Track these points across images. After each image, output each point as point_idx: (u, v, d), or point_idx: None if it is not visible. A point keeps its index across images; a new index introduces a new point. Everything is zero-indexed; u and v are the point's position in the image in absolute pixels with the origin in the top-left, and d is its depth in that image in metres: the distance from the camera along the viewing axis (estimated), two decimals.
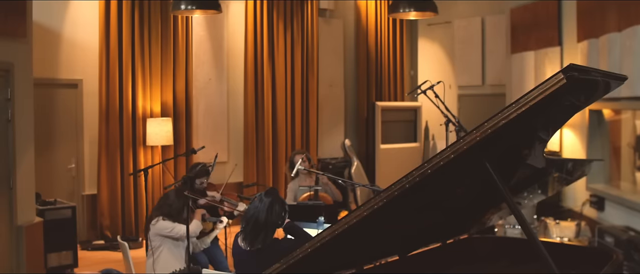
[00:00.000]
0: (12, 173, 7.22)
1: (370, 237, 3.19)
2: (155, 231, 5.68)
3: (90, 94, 9.48)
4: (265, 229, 4.55)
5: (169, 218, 5.67)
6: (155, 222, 5.69)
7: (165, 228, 5.64)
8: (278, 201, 4.65)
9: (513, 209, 2.53)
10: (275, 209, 4.59)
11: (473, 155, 2.38)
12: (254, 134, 10.83)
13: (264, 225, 4.55)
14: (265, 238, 4.52)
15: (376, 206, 2.54)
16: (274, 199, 4.64)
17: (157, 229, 5.67)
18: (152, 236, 5.72)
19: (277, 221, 4.59)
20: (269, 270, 2.89)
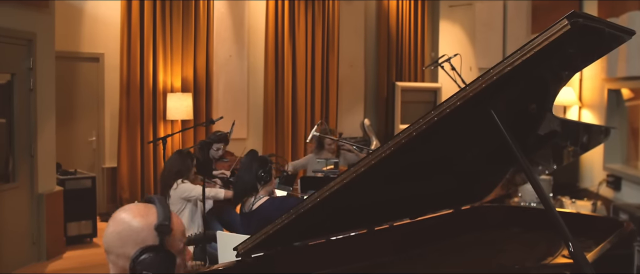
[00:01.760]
0: (33, 141, 7.34)
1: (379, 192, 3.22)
2: (178, 195, 5.78)
3: (112, 68, 9.57)
4: (246, 187, 4.68)
5: (179, 176, 5.77)
6: (176, 186, 5.79)
7: (186, 190, 5.74)
8: (256, 159, 4.76)
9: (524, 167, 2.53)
10: (253, 167, 4.70)
11: (479, 102, 2.41)
12: (273, 112, 10.89)
13: (242, 184, 4.69)
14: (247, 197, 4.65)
15: (384, 154, 2.57)
16: (252, 157, 4.76)
17: (179, 192, 5.77)
18: (174, 201, 5.81)
19: (255, 180, 4.69)
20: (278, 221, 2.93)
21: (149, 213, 1.97)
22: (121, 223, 1.95)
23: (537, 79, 2.74)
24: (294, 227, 2.96)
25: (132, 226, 1.93)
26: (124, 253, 1.92)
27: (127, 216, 1.96)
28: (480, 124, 2.73)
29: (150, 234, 1.93)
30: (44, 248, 7.39)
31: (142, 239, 1.92)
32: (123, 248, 1.92)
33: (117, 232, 1.94)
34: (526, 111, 3.13)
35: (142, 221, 1.94)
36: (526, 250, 4.00)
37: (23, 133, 7.24)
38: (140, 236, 1.92)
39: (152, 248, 1.91)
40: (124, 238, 1.93)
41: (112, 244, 1.94)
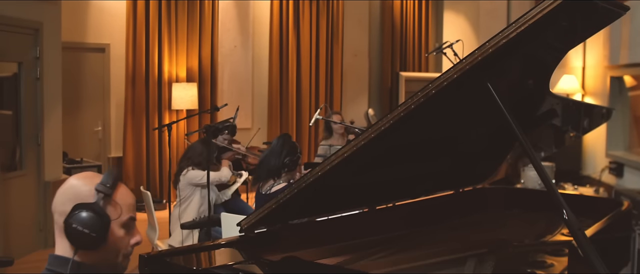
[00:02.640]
0: (40, 130, 7.42)
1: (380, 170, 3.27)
2: (187, 181, 5.83)
3: (117, 59, 9.63)
4: (270, 170, 4.71)
5: (198, 167, 5.83)
6: (186, 172, 5.85)
7: (195, 176, 5.79)
8: (287, 145, 4.79)
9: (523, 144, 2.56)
10: (282, 153, 4.73)
11: (475, 74, 2.46)
12: (278, 102, 10.95)
13: (267, 165, 4.71)
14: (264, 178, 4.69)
15: (383, 127, 2.62)
16: (284, 142, 4.79)
17: (188, 178, 5.82)
18: (183, 186, 5.87)
19: (283, 163, 4.72)
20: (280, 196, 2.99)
21: (95, 177, 1.99)
22: (67, 184, 1.97)
23: (533, 53, 2.79)
24: (297, 203, 3.02)
25: (75, 186, 1.96)
26: (64, 211, 1.92)
27: (74, 179, 1.99)
28: (479, 100, 2.77)
29: (90, 194, 1.93)
30: (50, 235, 7.46)
31: (82, 197, 1.92)
32: (63, 206, 1.93)
33: (62, 192, 1.96)
34: (524, 87, 3.18)
35: (86, 181, 1.97)
36: (526, 228, 4.06)
37: (30, 122, 7.32)
38: (81, 195, 1.93)
39: (87, 205, 1.90)
40: (66, 196, 1.94)
41: (56, 202, 1.95)
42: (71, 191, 1.94)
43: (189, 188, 5.85)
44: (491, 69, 2.53)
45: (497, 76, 2.60)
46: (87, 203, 1.89)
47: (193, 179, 5.81)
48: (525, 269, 3.18)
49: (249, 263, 2.84)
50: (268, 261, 2.83)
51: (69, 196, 1.93)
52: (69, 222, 1.87)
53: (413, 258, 3.31)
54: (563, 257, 3.29)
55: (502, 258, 3.36)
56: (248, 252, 3.04)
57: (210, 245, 3.14)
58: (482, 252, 3.41)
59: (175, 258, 2.88)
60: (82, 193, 1.93)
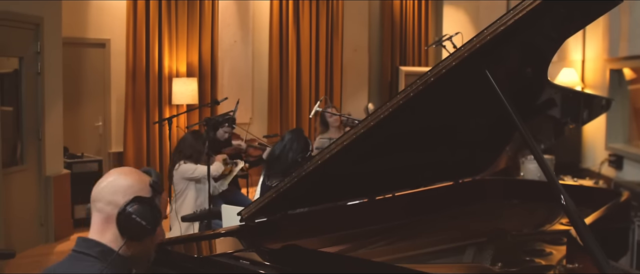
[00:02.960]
0: (40, 124, 7.44)
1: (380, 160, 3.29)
2: (179, 175, 5.85)
3: (118, 54, 9.64)
4: (280, 162, 4.67)
5: (190, 160, 5.84)
6: (178, 166, 5.86)
7: (187, 170, 5.80)
8: (300, 139, 4.75)
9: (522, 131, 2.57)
10: (294, 147, 4.70)
11: (474, 62, 2.47)
12: (278, 97, 10.97)
13: (278, 159, 4.68)
14: (281, 173, 4.64)
15: (382, 115, 2.64)
16: (296, 137, 4.75)
17: (181, 172, 5.84)
18: (177, 181, 5.88)
19: (295, 157, 4.68)
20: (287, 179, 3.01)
21: (142, 174, 2.11)
22: (116, 177, 2.06)
23: (530, 40, 2.80)
24: (297, 192, 3.03)
25: (126, 180, 2.05)
26: (113, 200, 2.01)
27: (122, 172, 2.09)
28: (478, 89, 2.78)
29: (144, 189, 2.05)
30: (51, 230, 7.49)
31: (135, 190, 2.03)
32: (113, 196, 2.01)
33: (111, 184, 2.04)
34: (523, 77, 3.20)
35: (136, 176, 2.08)
36: (525, 218, 4.08)
37: (31, 116, 7.34)
38: (134, 188, 2.03)
39: (146, 199, 2.03)
40: (116, 187, 2.03)
41: (104, 192, 2.04)
42: (122, 184, 2.03)
43: (182, 182, 5.86)
44: (489, 57, 2.55)
45: (495, 64, 2.61)
46: (145, 197, 2.02)
47: (185, 173, 5.83)
48: (524, 258, 3.20)
49: (249, 251, 2.86)
50: (268, 249, 2.84)
51: (120, 188, 2.02)
52: (128, 211, 1.98)
53: (412, 246, 3.33)
54: (562, 246, 3.31)
55: (501, 246, 3.38)
56: (248, 241, 3.06)
57: (210, 234, 3.16)
58: (481, 241, 3.44)
59: (176, 247, 2.90)
60: (135, 187, 2.04)
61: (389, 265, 2.89)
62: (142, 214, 1.99)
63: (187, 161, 5.86)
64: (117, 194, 2.01)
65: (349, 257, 3.07)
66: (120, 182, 2.04)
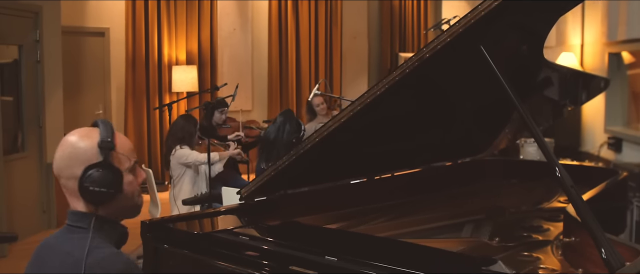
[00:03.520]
0: (41, 112, 7.47)
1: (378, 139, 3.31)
2: (175, 160, 5.88)
3: (117, 42, 9.67)
4: (276, 146, 4.73)
5: (182, 142, 5.86)
6: (174, 152, 5.88)
7: (182, 155, 5.83)
8: (291, 120, 4.82)
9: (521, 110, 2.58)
10: (286, 128, 4.76)
11: (468, 37, 2.49)
12: (278, 84, 10.99)
13: (274, 142, 4.73)
14: (277, 155, 4.70)
15: (378, 91, 2.66)
16: (287, 119, 4.81)
17: (177, 157, 5.87)
18: (174, 166, 5.91)
19: (290, 138, 4.75)
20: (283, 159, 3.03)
21: (93, 134, 1.99)
22: (68, 146, 1.98)
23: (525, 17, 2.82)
24: (296, 170, 3.06)
25: (78, 147, 1.96)
26: (72, 174, 1.94)
27: (73, 139, 1.99)
28: (474, 67, 2.80)
29: (95, 152, 1.94)
30: (54, 216, 7.53)
31: (87, 158, 1.94)
32: (71, 169, 1.95)
33: (64, 155, 1.97)
34: (519, 55, 3.22)
35: (86, 141, 1.96)
36: (523, 196, 4.11)
37: (31, 104, 7.38)
38: (86, 155, 1.94)
39: (97, 164, 1.93)
40: (71, 159, 1.95)
41: (61, 166, 1.97)
42: (75, 153, 1.94)
43: (179, 168, 5.89)
44: (484, 33, 2.57)
45: (490, 40, 2.63)
46: (96, 163, 1.92)
47: (181, 158, 5.85)
48: (522, 233, 3.23)
49: (248, 228, 2.89)
50: (267, 225, 2.87)
51: (74, 159, 1.94)
52: (85, 185, 1.91)
53: (411, 223, 3.37)
54: (559, 222, 3.32)
55: (499, 223, 3.41)
56: (248, 218, 3.09)
57: (210, 212, 3.19)
58: (480, 218, 3.47)
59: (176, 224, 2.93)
60: (87, 154, 1.94)
61: (389, 239, 2.92)
62: (98, 182, 1.91)
63: (183, 145, 5.88)
64: (71, 168, 1.94)
65: (348, 231, 3.10)
66: (73, 153, 1.95)
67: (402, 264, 2.21)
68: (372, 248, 2.65)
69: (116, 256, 1.91)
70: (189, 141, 5.89)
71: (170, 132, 6.07)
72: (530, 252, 2.87)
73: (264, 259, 2.51)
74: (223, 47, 10.56)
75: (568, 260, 2.73)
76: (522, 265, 2.70)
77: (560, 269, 2.64)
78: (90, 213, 1.96)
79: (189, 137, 5.90)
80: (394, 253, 2.60)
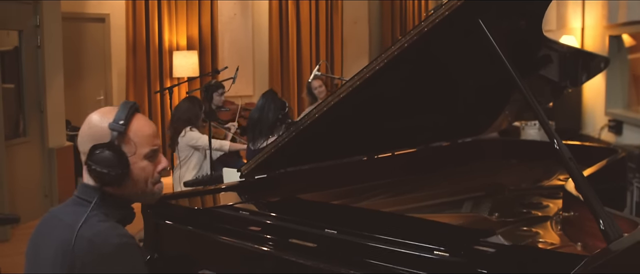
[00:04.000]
0: (42, 97, 7.48)
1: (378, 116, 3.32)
2: (185, 142, 5.89)
3: (118, 28, 9.66)
4: (261, 126, 4.79)
5: (189, 124, 5.89)
6: (184, 134, 5.90)
7: (193, 138, 5.86)
8: (275, 99, 4.88)
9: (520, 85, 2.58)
10: (271, 107, 4.82)
11: (467, 12, 2.50)
12: (278, 70, 10.99)
13: (258, 121, 4.79)
14: (262, 135, 4.76)
15: (377, 66, 2.67)
16: (270, 97, 4.87)
17: (187, 140, 5.88)
18: (182, 147, 5.93)
19: (274, 118, 4.80)
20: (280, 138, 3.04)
21: (111, 113, 1.98)
22: (87, 122, 1.99)
23: None
24: (296, 147, 3.07)
25: (93, 125, 1.96)
26: (84, 150, 1.96)
27: (93, 116, 1.99)
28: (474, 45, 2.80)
29: (105, 132, 1.93)
30: (56, 201, 7.54)
31: (98, 137, 1.93)
32: (84, 146, 1.96)
33: (83, 131, 1.98)
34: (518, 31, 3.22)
35: (102, 120, 1.96)
36: (523, 175, 4.12)
37: (32, 89, 7.39)
38: (97, 134, 1.94)
39: (103, 145, 1.91)
40: (85, 135, 1.97)
41: (79, 141, 1.99)
42: (90, 131, 1.96)
43: (187, 149, 5.91)
44: (482, 7, 2.57)
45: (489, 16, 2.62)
46: (102, 144, 1.91)
47: (191, 140, 5.87)
48: (521, 210, 3.24)
49: (248, 203, 2.90)
50: (267, 201, 2.89)
51: (88, 136, 1.95)
52: (89, 163, 1.91)
53: (411, 200, 3.38)
54: (559, 199, 3.33)
55: (499, 200, 3.42)
56: (248, 195, 3.11)
57: (210, 189, 3.20)
58: (479, 195, 3.48)
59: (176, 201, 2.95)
60: (98, 133, 1.93)
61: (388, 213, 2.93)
62: (101, 163, 1.90)
63: (193, 128, 5.91)
64: (85, 144, 1.95)
65: (347, 206, 3.11)
66: (88, 130, 1.97)
67: (400, 236, 2.23)
68: (371, 222, 2.67)
69: (112, 230, 1.90)
70: (195, 122, 5.91)
71: (176, 114, 6.08)
72: (529, 227, 2.89)
73: (264, 233, 2.53)
74: (223, 32, 10.55)
75: (567, 234, 2.75)
76: (521, 239, 2.72)
77: (559, 244, 2.65)
78: (97, 188, 1.96)
79: (195, 119, 5.92)
80: (393, 225, 2.62)
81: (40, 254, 1.96)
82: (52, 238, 1.93)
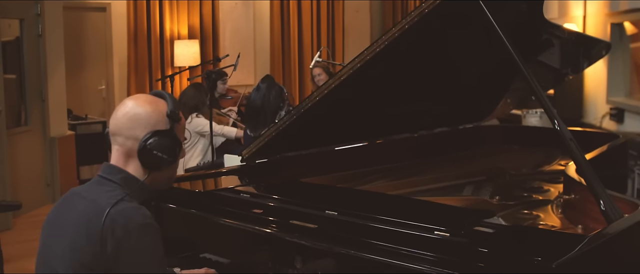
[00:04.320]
0: (43, 86, 7.49)
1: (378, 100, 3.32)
2: (191, 129, 5.92)
3: (119, 17, 9.65)
4: (264, 112, 4.77)
5: (195, 110, 5.90)
6: (191, 120, 5.92)
7: (199, 124, 5.88)
8: (274, 86, 4.87)
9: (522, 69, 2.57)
10: (271, 93, 4.81)
11: None
12: (280, 59, 10.98)
13: (261, 108, 4.78)
14: (265, 122, 4.75)
15: (378, 48, 2.67)
16: (270, 85, 4.86)
17: (193, 126, 5.91)
18: (187, 134, 5.94)
19: (275, 104, 4.79)
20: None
21: (159, 102, 2.11)
22: (133, 108, 2.07)
23: None
24: (297, 131, 3.07)
25: (143, 111, 2.06)
26: (133, 135, 2.05)
27: (139, 103, 2.09)
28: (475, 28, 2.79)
29: (161, 120, 2.06)
30: (57, 190, 7.56)
31: (153, 123, 2.05)
32: (133, 131, 2.04)
33: (128, 116, 2.06)
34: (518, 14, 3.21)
35: (153, 107, 2.08)
36: (524, 160, 4.12)
37: (33, 78, 7.40)
38: (151, 120, 2.05)
39: (164, 132, 2.05)
40: (135, 120, 2.05)
41: (123, 126, 2.06)
42: (140, 116, 2.06)
43: (193, 136, 5.93)
44: None
45: None
46: (164, 131, 2.06)
47: (198, 127, 5.89)
48: (522, 194, 3.24)
49: (249, 186, 2.91)
50: (268, 184, 2.89)
51: (138, 122, 2.05)
52: (148, 147, 2.03)
53: (412, 183, 3.38)
54: (560, 184, 3.33)
55: (500, 184, 3.42)
56: (249, 178, 3.11)
57: (211, 173, 3.21)
58: (480, 179, 3.48)
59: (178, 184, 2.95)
60: (152, 119, 2.06)
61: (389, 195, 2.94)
62: (162, 148, 2.04)
63: (199, 115, 5.93)
64: (135, 129, 2.04)
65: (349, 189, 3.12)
66: (137, 115, 2.05)
67: (401, 217, 2.23)
68: (371, 203, 2.67)
69: (138, 210, 1.99)
70: (202, 108, 5.93)
71: (181, 101, 6.10)
72: (530, 210, 2.89)
73: (265, 214, 2.53)
74: (225, 22, 10.54)
75: (568, 217, 2.75)
76: (522, 222, 2.72)
77: (560, 226, 2.65)
78: (126, 171, 2.07)
79: (202, 105, 5.95)
80: (394, 207, 2.62)
81: (62, 227, 2.03)
82: (76, 213, 2.01)
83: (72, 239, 1.96)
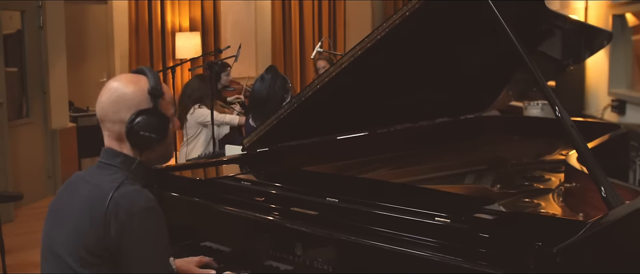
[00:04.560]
0: (45, 78, 7.50)
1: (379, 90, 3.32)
2: (194, 119, 5.93)
3: (120, 9, 9.64)
4: (270, 102, 4.77)
5: (199, 101, 5.91)
6: (193, 111, 5.93)
7: (202, 115, 5.89)
8: (278, 77, 4.87)
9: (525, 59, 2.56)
10: (276, 84, 4.81)
11: None
12: (281, 51, 10.97)
13: (267, 99, 4.78)
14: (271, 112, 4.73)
15: (379, 36, 2.66)
16: (274, 75, 4.87)
17: (196, 117, 5.91)
18: (191, 125, 5.96)
19: (281, 94, 4.80)
20: None
21: (140, 80, 2.07)
22: (115, 91, 2.05)
23: None
24: (297, 119, 3.07)
25: (126, 92, 2.03)
26: (119, 119, 2.03)
27: (120, 84, 2.06)
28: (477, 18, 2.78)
29: (144, 98, 2.03)
30: (59, 182, 7.57)
31: (136, 103, 2.02)
32: (118, 114, 2.02)
33: (111, 99, 2.04)
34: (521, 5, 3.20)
35: (134, 86, 2.04)
36: (525, 150, 4.12)
37: (35, 70, 7.40)
38: (135, 100, 2.02)
39: (147, 111, 2.02)
40: (118, 103, 2.02)
41: (108, 110, 2.04)
42: (123, 98, 2.03)
43: (196, 126, 5.94)
44: None
45: None
46: (147, 109, 2.02)
47: (200, 117, 5.90)
48: (523, 183, 3.24)
49: (249, 174, 2.91)
50: (268, 172, 2.89)
51: (122, 104, 2.02)
52: (134, 129, 2.00)
53: (413, 172, 3.38)
54: (561, 173, 3.33)
55: (501, 173, 3.42)
56: (250, 167, 3.11)
57: (213, 161, 3.21)
58: (481, 168, 3.48)
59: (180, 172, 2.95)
60: (136, 99, 2.02)
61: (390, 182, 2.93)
62: (149, 127, 2.01)
63: (201, 105, 5.93)
64: (120, 111, 2.02)
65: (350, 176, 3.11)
66: (120, 98, 2.03)
67: (402, 204, 2.23)
68: (372, 190, 2.67)
69: (139, 193, 1.99)
70: (206, 100, 5.94)
71: (186, 92, 6.11)
72: (531, 199, 2.89)
73: (266, 202, 2.53)
74: (226, 14, 10.53)
75: (569, 205, 2.75)
76: (523, 209, 2.73)
77: (561, 214, 2.66)
78: (122, 153, 2.06)
79: (206, 97, 5.95)
80: (395, 194, 2.62)
81: (66, 212, 2.04)
82: (79, 197, 2.01)
83: (75, 223, 1.97)
